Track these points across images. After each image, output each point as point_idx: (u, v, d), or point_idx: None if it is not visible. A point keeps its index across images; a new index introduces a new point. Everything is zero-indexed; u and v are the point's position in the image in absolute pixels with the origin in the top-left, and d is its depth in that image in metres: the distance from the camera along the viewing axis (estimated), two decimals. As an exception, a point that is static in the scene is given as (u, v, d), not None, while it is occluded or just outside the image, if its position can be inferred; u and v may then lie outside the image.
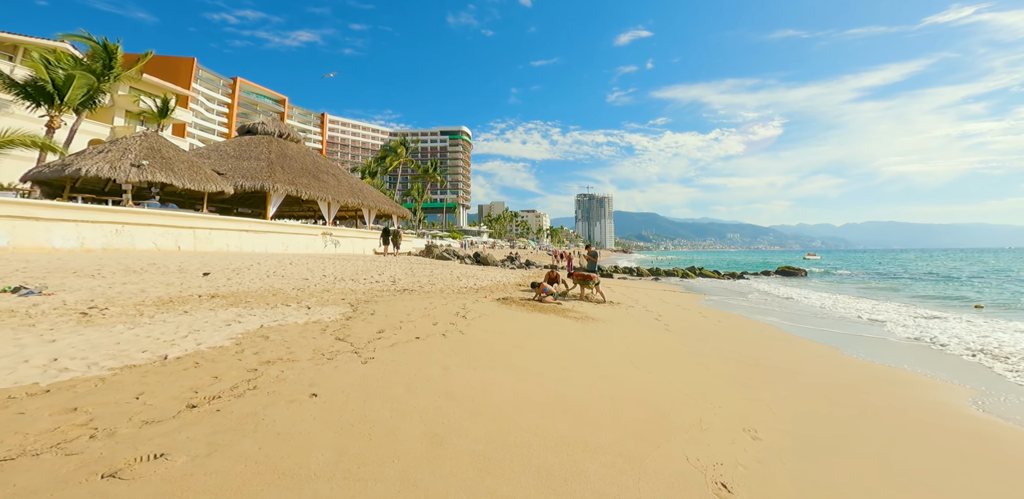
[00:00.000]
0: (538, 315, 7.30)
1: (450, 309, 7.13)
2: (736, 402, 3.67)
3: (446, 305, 7.54)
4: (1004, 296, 16.35)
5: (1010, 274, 29.50)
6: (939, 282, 24.10)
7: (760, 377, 4.50)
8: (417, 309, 6.91)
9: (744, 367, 4.90)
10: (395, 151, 56.57)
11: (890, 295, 16.70)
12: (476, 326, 5.89)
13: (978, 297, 15.89)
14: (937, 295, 16.80)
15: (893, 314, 10.53)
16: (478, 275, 13.72)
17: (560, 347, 5.17)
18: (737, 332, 7.28)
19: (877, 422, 3.56)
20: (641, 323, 7.47)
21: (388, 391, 3.21)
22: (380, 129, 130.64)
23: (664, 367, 4.63)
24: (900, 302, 13.99)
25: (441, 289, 9.73)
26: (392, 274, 11.26)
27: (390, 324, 5.56)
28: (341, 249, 19.91)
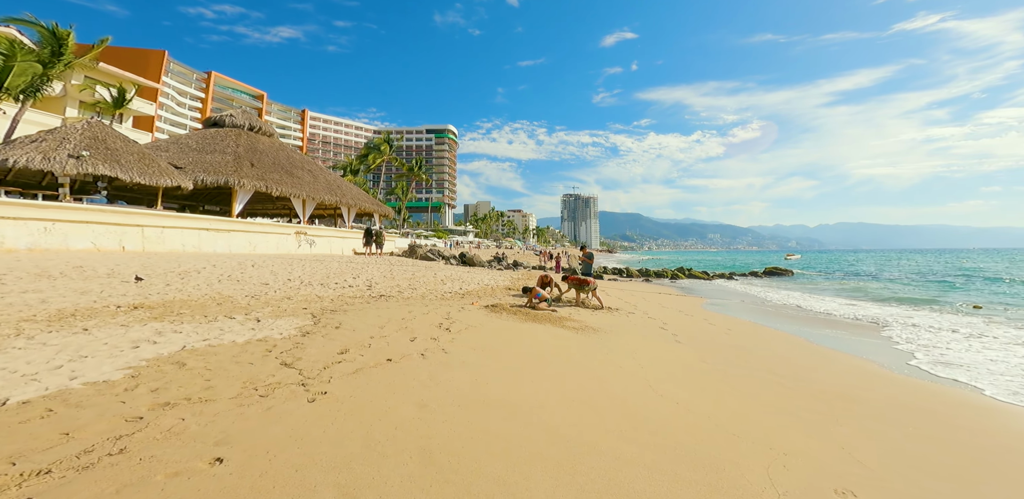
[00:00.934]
0: (533, 326, 6.41)
1: (432, 319, 6.18)
2: (802, 444, 2.85)
3: (427, 314, 6.58)
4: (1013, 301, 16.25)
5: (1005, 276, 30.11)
6: (917, 284, 24.23)
7: (813, 406, 3.70)
8: (393, 320, 5.93)
9: (785, 391, 4.10)
10: (378, 148, 54.87)
11: (894, 299, 16.43)
12: (462, 342, 4.96)
13: (967, 298, 15.74)
14: (921, 297, 16.61)
15: (920, 320, 9.95)
16: (464, 278, 12.75)
17: (563, 369, 4.28)
18: (754, 343, 6.53)
19: (1000, 470, 2.78)
20: (647, 333, 6.66)
21: (337, 449, 2.26)
22: (364, 127, 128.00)
23: (691, 394, 3.79)
24: (905, 306, 13.64)
25: (423, 294, 8.74)
26: (369, 277, 10.19)
27: (357, 341, 4.58)
28: (317, 249, 18.61)
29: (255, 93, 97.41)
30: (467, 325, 6.00)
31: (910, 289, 19.78)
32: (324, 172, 22.33)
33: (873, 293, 17.74)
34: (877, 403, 3.94)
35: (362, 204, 22.29)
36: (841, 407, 3.73)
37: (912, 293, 17.78)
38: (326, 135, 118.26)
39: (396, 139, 61.51)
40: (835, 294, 17.16)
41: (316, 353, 3.98)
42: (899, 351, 6.65)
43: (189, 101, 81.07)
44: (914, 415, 3.72)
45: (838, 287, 20.84)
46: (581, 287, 8.65)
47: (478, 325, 6.05)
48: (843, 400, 3.92)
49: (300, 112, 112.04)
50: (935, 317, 10.64)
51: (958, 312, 11.96)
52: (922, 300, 15.14)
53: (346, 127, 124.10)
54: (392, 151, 55.53)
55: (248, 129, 19.89)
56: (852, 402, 3.88)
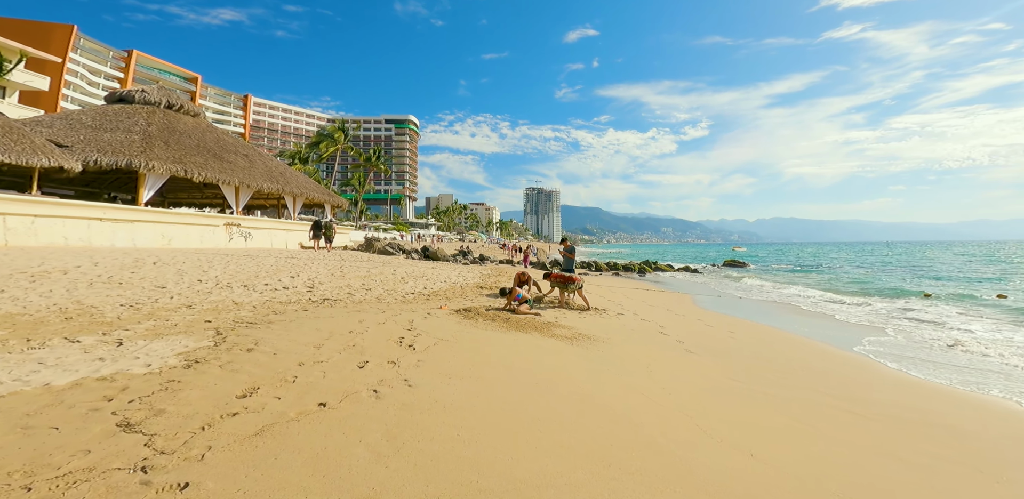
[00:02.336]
0: (517, 336, 5.22)
1: (390, 331, 4.82)
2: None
3: (384, 324, 5.20)
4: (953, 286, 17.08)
5: (930, 263, 32.64)
6: (859, 275, 25.57)
7: (918, 446, 2.80)
8: (338, 334, 4.52)
9: (860, 420, 3.20)
10: (332, 137, 50.80)
11: (859, 290, 16.81)
12: (432, 366, 3.68)
13: (919, 289, 16.45)
14: (881, 287, 17.18)
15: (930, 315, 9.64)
16: (428, 275, 11.31)
17: (577, 405, 3.12)
18: (770, 349, 5.73)
19: None
20: (649, 341, 5.68)
21: None
22: (316, 115, 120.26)
23: (753, 434, 2.77)
24: (881, 297, 13.78)
25: (380, 296, 7.28)
26: (312, 276, 8.51)
27: (276, 373, 3.17)
28: (255, 243, 16.21)
29: (187, 75, 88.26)
30: (436, 338, 4.70)
31: (872, 278, 20.64)
32: (264, 158, 19.69)
33: (842, 286, 18.20)
34: (993, 439, 3.09)
35: (310, 193, 19.92)
36: (955, 446, 2.86)
37: (878, 283, 18.42)
38: (273, 123, 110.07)
39: (353, 128, 57.34)
40: (804, 286, 17.42)
41: (198, 399, 2.54)
42: (945, 356, 6.13)
43: (104, 81, 71.69)
44: None
45: (802, 279, 21.41)
46: (565, 286, 7.57)
47: (450, 338, 4.76)
48: (945, 434, 3.06)
49: (242, 97, 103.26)
50: (935, 311, 10.60)
51: (959, 302, 12.14)
52: (889, 290, 15.58)
53: (296, 114, 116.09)
54: (348, 140, 51.72)
55: (166, 107, 16.93)
56: (960, 437, 3.04)
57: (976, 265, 30.47)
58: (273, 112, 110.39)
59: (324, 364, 3.60)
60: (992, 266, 29.16)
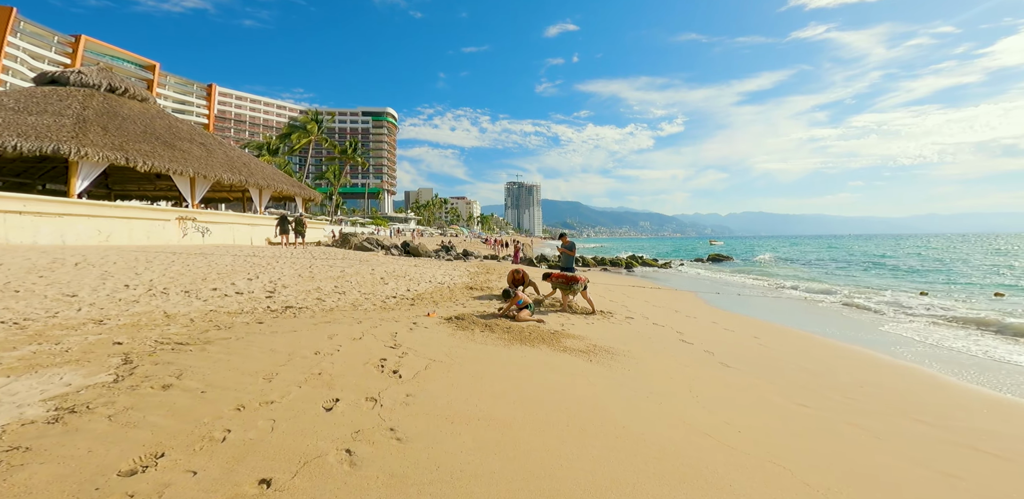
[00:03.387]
0: (524, 351, 4.36)
1: (369, 350, 3.89)
2: None
3: (361, 340, 4.25)
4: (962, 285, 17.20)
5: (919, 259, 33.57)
6: (856, 269, 25.91)
7: None
8: (298, 357, 3.56)
9: (1004, 464, 2.48)
10: (304, 128, 48.15)
11: (869, 283, 16.68)
12: (426, 403, 2.79)
13: (928, 286, 16.51)
14: (867, 282, 17.15)
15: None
16: (411, 274, 10.29)
17: (623, 453, 2.28)
18: (814, 359, 5.06)
19: None
20: (674, 351, 4.93)
21: None
22: (288, 106, 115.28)
23: (883, 490, 1.99)
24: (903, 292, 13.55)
25: (356, 301, 6.27)
26: (275, 278, 7.38)
27: (196, 425, 2.21)
28: (213, 239, 14.67)
29: (144, 62, 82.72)
30: (427, 359, 3.79)
31: (859, 275, 20.75)
32: (225, 147, 17.95)
33: (833, 279, 18.13)
34: None
35: (279, 186, 18.35)
36: None
37: (871, 279, 18.44)
38: (240, 113, 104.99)
39: (327, 120, 54.60)
40: (796, 280, 17.22)
41: (43, 485, 1.56)
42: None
43: (48, 67, 66.06)
44: None
45: (790, 273, 21.37)
46: (568, 287, 6.74)
47: (445, 358, 3.86)
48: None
49: (206, 87, 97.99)
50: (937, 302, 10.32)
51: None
52: (885, 286, 15.51)
53: (266, 105, 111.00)
54: (321, 131, 49.20)
55: (107, 90, 15.03)
56: None
57: (934, 254, 31.52)
58: (240, 103, 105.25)
59: (276, 406, 2.65)
60: (947, 254, 30.18)
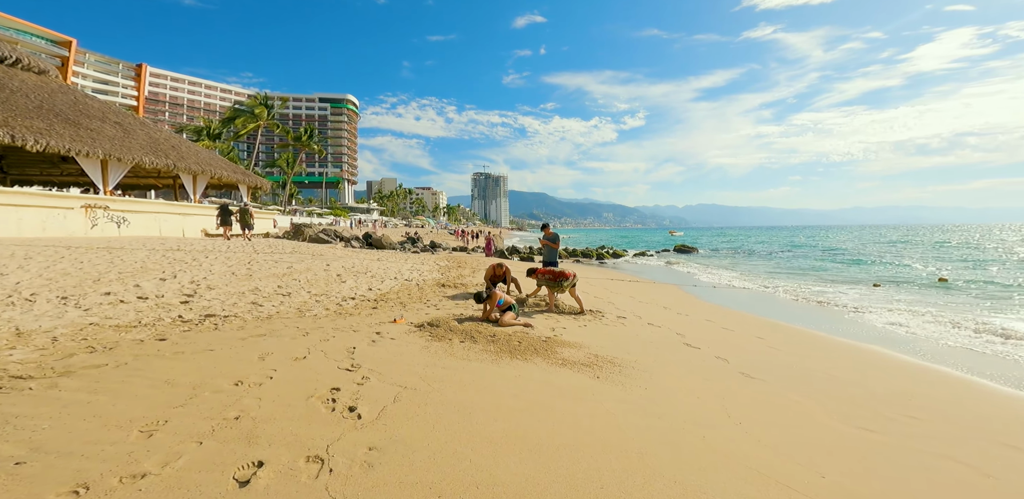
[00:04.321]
0: (516, 367, 3.54)
1: (315, 376, 2.93)
2: None
3: (305, 360, 3.27)
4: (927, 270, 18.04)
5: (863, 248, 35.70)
6: (818, 260, 27.07)
7: None
8: (206, 391, 2.57)
9: None
10: (252, 112, 43.97)
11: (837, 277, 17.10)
12: (398, 459, 1.94)
13: (876, 277, 17.22)
14: (838, 273, 17.73)
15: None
16: (374, 269, 9.14)
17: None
18: (836, 363, 4.54)
19: None
20: (684, 359, 4.29)
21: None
22: (234, 90, 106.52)
23: None
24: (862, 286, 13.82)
25: (303, 305, 5.17)
26: (198, 277, 6.05)
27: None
28: (133, 230, 12.58)
29: (58, 38, 73.05)
30: (396, 386, 2.88)
31: (825, 265, 21.52)
32: (148, 127, 15.54)
33: (810, 273, 18.58)
34: None
35: (217, 172, 16.21)
36: None
37: (843, 272, 19.05)
38: (176, 96, 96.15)
39: (279, 105, 50.26)
40: (762, 271, 17.51)
41: None
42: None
43: (-64, 32, 56.44)
44: None
45: (756, 264, 21.88)
46: (557, 283, 5.96)
47: (419, 383, 2.96)
48: None
49: (135, 66, 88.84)
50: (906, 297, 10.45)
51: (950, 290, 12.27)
52: (862, 278, 15.96)
53: (207, 88, 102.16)
54: (272, 117, 45.23)
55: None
56: None
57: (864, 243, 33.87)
58: (177, 85, 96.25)
59: (148, 484, 1.67)
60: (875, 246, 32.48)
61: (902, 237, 55.46)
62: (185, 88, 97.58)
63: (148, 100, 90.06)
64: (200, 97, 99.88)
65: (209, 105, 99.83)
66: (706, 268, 18.26)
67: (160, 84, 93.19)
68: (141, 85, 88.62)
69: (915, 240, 45.21)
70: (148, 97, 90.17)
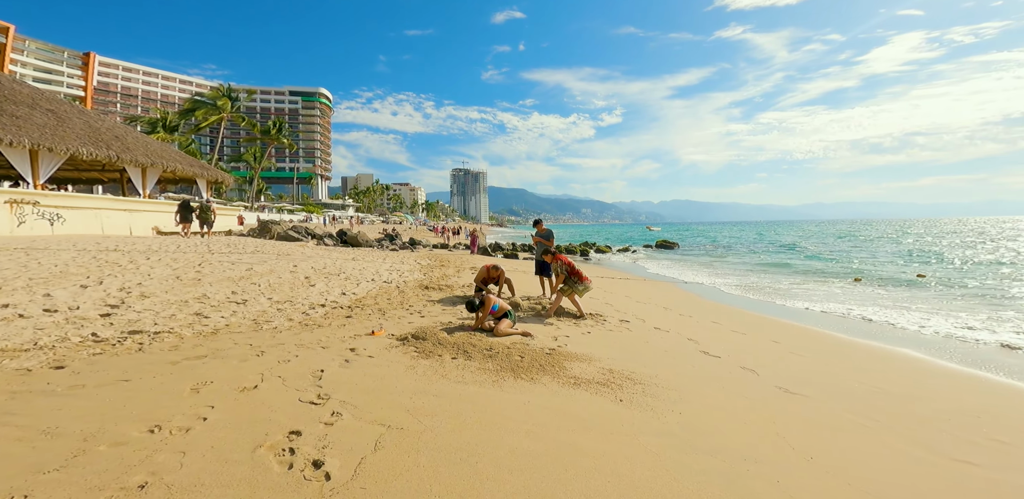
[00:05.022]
0: (522, 390, 2.93)
1: (266, 416, 2.22)
2: None
3: (257, 391, 2.56)
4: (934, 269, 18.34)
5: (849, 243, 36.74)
6: (799, 256, 27.59)
7: None
8: (102, 444, 1.82)
9: None
10: (215, 104, 41.21)
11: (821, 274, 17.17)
12: None
13: (843, 270, 17.45)
14: (821, 269, 17.92)
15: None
16: (348, 269, 8.31)
17: None
18: (868, 373, 4.14)
19: None
20: (711, 373, 3.80)
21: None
22: (196, 82, 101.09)
23: None
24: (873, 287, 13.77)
25: (260, 316, 4.38)
26: (131, 283, 5.11)
27: None
28: (69, 228, 11.18)
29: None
30: (377, 425, 2.23)
31: (807, 262, 21.81)
32: (88, 116, 13.95)
33: (796, 267, 18.69)
34: None
35: (171, 165, 14.76)
36: None
37: (833, 268, 19.25)
38: (130, 87, 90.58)
39: (245, 97, 47.38)
40: (744, 266, 17.50)
41: None
42: None
43: None
44: None
45: (745, 261, 22.00)
46: (573, 283, 5.30)
47: (406, 420, 2.31)
48: None
49: (82, 55, 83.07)
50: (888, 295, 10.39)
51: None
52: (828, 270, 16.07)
53: (165, 79, 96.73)
54: (236, 109, 42.60)
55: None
56: None
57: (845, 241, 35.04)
58: (130, 75, 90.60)
59: None
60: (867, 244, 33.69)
61: (852, 231, 57.97)
62: (139, 79, 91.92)
63: (97, 91, 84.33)
64: (156, 88, 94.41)
65: (167, 97, 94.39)
66: (691, 264, 18.16)
67: (111, 74, 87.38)
68: (89, 75, 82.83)
69: (870, 235, 47.21)
70: (97, 88, 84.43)
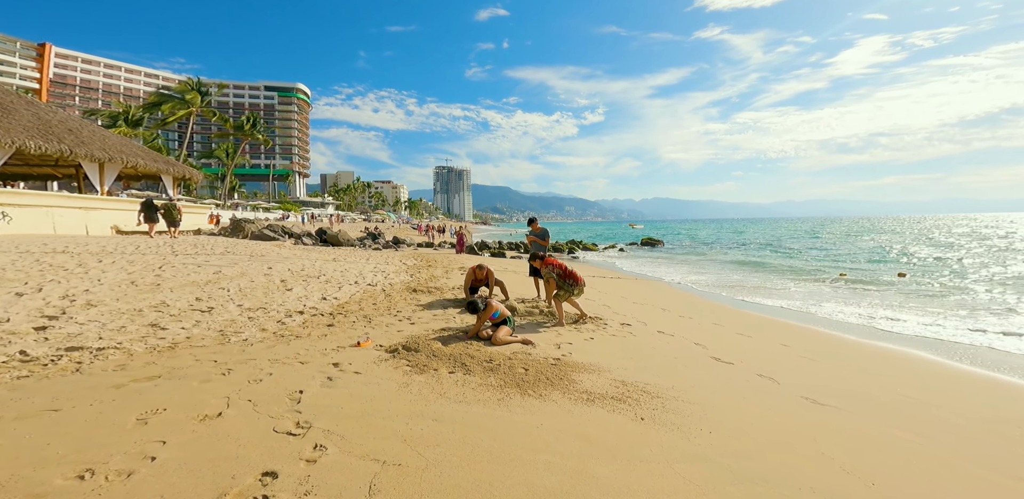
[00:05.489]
0: (532, 408, 2.60)
1: (233, 451, 1.81)
2: None
3: (221, 419, 2.13)
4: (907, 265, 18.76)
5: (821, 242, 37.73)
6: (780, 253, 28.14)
7: None
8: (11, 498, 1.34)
9: None
10: (183, 98, 39.14)
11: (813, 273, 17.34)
12: None
13: (842, 267, 17.80)
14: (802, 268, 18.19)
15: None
16: (328, 271, 7.78)
17: None
18: (902, 380, 3.96)
19: None
20: (727, 382, 3.56)
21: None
22: (163, 75, 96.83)
23: None
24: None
25: (227, 327, 3.89)
26: (78, 289, 4.52)
27: None
28: (16, 228, 10.20)
29: None
30: (370, 462, 1.85)
31: (788, 261, 22.18)
32: (37, 107, 12.81)
33: (777, 267, 18.92)
34: None
35: (132, 160, 13.73)
36: None
37: (809, 265, 19.54)
38: (90, 79, 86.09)
39: (216, 92, 45.26)
40: (734, 264, 17.63)
41: None
42: None
43: None
44: None
45: (731, 259, 22.23)
46: (567, 285, 4.96)
47: (403, 453, 1.93)
48: None
49: (37, 46, 78.45)
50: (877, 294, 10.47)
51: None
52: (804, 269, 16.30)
53: (129, 72, 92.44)
54: (206, 103, 40.64)
55: None
56: None
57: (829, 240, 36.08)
58: (90, 67, 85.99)
59: None
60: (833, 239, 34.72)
61: (821, 228, 60.00)
62: (100, 71, 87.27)
63: (54, 83, 79.67)
64: (119, 81, 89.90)
65: (131, 91, 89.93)
66: (679, 262, 18.21)
67: (69, 66, 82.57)
68: (44, 66, 78.13)
69: (846, 232, 48.83)
70: (54, 80, 79.75)
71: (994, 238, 31.14)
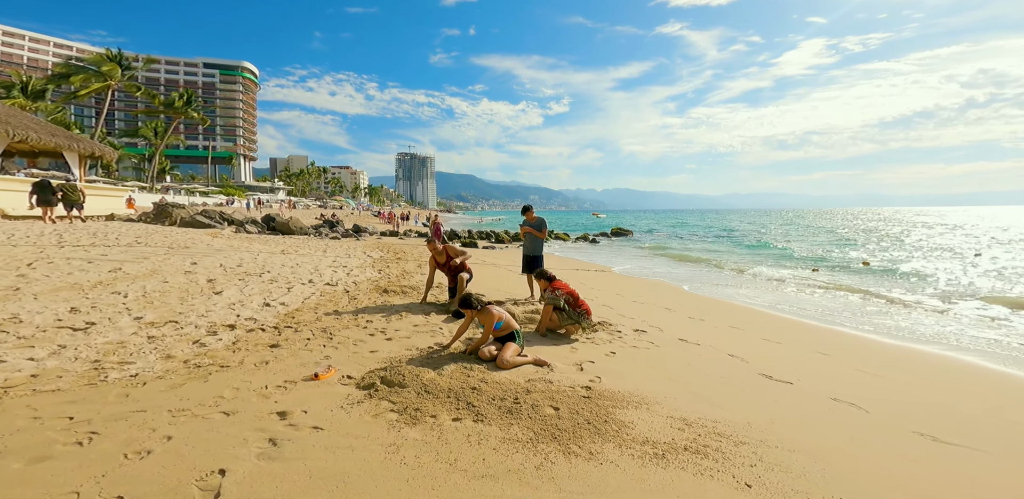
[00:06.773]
0: (588, 475, 1.71)
1: None
2: None
3: None
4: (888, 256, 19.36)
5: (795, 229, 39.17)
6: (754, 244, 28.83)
7: None
8: None
9: None
10: (99, 70, 33.70)
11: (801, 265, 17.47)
12: None
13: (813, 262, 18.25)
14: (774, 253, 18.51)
15: None
16: (274, 267, 6.41)
17: None
18: (959, 390, 3.43)
19: None
20: (808, 413, 2.88)
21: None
22: (76, 46, 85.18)
23: None
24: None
25: (104, 357, 2.67)
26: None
27: None
28: None
29: None
30: None
31: (738, 248, 22.57)
32: None
33: (756, 256, 19.08)
34: None
35: (22, 133, 11.18)
36: None
37: (780, 255, 19.85)
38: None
39: (142, 66, 39.62)
40: (709, 255, 17.60)
41: None
42: None
43: None
44: None
45: (705, 248, 22.38)
46: (580, 321, 3.91)
47: None
48: None
49: None
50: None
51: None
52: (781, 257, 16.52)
53: (34, 41, 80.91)
54: (128, 78, 35.44)
55: None
56: None
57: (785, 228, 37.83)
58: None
59: None
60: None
61: (771, 220, 63.72)
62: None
63: (-62, 51, 67.15)
64: (21, 51, 78.32)
65: (36, 61, 78.44)
66: (653, 253, 18.00)
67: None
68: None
69: (801, 224, 51.69)
70: (-63, 47, 67.21)
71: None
